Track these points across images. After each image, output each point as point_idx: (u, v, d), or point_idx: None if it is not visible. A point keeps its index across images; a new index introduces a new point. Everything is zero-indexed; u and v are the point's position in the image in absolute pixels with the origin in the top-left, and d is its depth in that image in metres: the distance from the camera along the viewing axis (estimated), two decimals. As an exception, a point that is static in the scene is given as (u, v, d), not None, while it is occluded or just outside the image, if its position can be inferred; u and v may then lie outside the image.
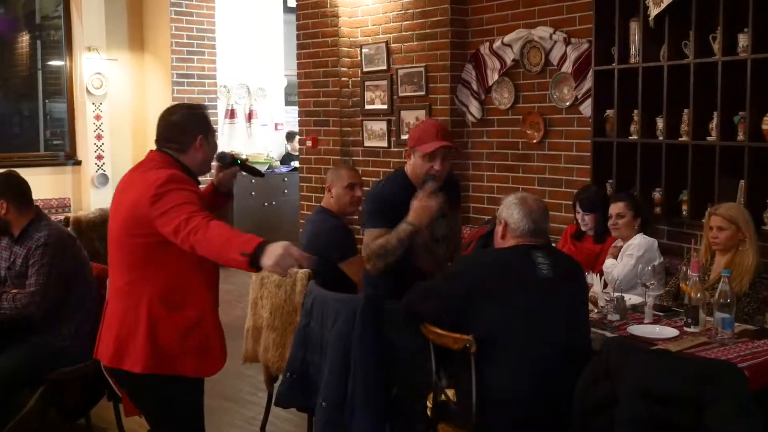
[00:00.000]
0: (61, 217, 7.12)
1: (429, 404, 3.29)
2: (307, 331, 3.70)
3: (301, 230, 5.58)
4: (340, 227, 4.26)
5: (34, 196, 8.71)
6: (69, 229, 6.31)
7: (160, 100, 8.79)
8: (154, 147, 2.95)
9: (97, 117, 8.65)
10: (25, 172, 4.24)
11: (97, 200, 8.20)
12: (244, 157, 2.77)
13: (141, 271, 2.80)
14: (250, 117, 9.88)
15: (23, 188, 3.97)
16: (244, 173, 3.32)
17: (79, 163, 8.73)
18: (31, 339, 3.77)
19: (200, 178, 2.98)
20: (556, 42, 5.44)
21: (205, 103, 8.98)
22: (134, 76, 9.07)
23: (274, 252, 2.49)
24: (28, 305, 3.74)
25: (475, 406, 2.92)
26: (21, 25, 10.48)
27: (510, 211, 3.10)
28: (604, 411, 2.59)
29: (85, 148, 8.64)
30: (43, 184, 8.38)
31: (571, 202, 4.97)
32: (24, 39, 10.60)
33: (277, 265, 2.49)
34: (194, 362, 2.86)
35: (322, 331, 3.62)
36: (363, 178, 6.72)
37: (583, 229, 4.83)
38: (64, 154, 8.92)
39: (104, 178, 8.61)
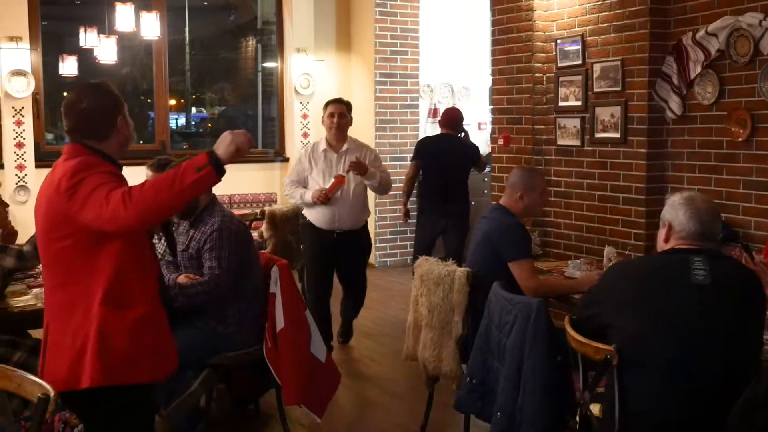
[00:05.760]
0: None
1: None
2: (488, 334, 3.54)
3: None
4: (520, 226, 4.20)
5: (245, 190, 9.22)
6: (264, 221, 6.61)
7: (364, 99, 8.98)
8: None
9: (304, 116, 8.99)
10: (239, 167, 4.37)
11: (300, 197, 8.54)
12: None
13: (79, 280, 2.57)
14: (453, 116, 9.83)
15: None
16: None
17: (286, 160, 9.12)
18: (197, 323, 3.86)
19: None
20: (767, 29, 4.90)
21: (407, 102, 9.07)
22: (340, 76, 9.32)
23: (224, 142, 2.48)
24: (218, 283, 3.81)
25: (618, 423, 2.65)
26: (247, 31, 11.24)
27: (675, 211, 2.79)
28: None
29: (292, 146, 9.01)
30: (254, 179, 8.85)
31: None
32: (248, 44, 11.35)
33: (236, 144, 2.47)
34: (149, 365, 2.63)
35: (499, 335, 3.47)
36: (555, 179, 6.53)
37: (791, 237, 4.34)
38: (274, 151, 9.36)
39: (309, 175, 8.92)
